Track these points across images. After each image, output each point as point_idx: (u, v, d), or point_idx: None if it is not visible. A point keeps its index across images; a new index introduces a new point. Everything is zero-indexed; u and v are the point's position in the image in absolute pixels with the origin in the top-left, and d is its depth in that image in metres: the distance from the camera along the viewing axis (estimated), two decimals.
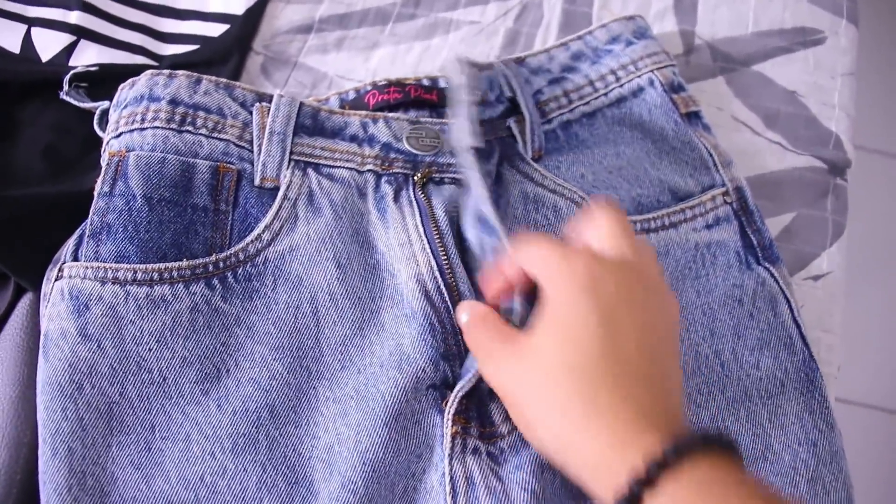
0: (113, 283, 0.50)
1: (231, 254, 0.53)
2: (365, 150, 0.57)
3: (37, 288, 0.54)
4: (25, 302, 0.55)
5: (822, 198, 0.63)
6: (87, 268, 0.51)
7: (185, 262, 0.52)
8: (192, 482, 0.48)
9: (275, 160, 0.56)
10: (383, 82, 0.61)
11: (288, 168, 0.56)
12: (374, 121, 0.57)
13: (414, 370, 0.50)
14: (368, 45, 0.67)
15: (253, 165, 0.55)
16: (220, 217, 0.54)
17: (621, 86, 0.62)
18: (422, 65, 0.66)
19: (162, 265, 0.51)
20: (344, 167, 0.56)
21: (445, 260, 0.53)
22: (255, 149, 0.56)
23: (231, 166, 0.55)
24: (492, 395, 0.49)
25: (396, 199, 0.56)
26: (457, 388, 0.50)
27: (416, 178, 0.56)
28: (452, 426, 0.49)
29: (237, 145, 0.56)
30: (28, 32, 0.64)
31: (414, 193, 0.56)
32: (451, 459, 0.48)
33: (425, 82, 0.62)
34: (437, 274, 0.53)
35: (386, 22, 0.68)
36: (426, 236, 0.54)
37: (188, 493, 0.48)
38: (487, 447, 0.49)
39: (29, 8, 0.66)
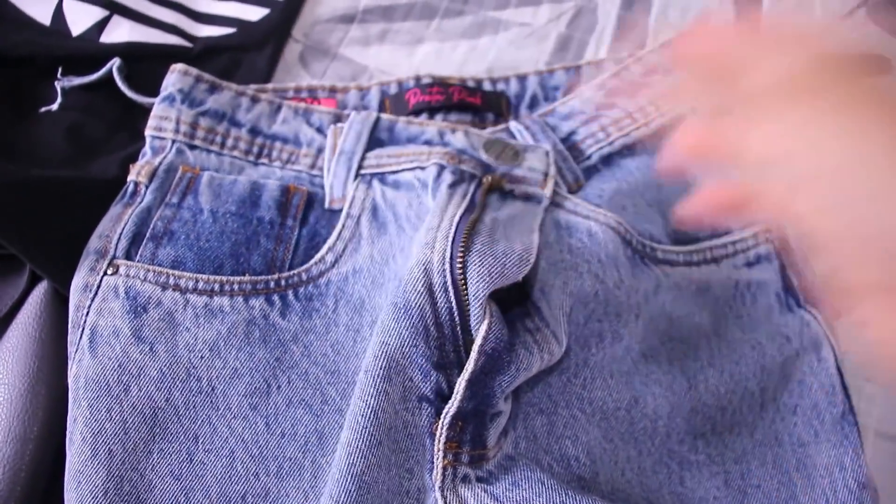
0: (174, 290, 0.53)
1: (294, 273, 0.54)
2: (436, 149, 0.57)
3: (55, 277, 0.54)
4: (40, 291, 0.55)
5: None
6: (148, 270, 0.53)
7: (247, 277, 0.54)
8: (234, 501, 0.49)
9: (340, 179, 0.58)
10: (427, 80, 0.59)
11: (353, 183, 0.57)
12: (454, 130, 0.58)
13: (401, 379, 0.48)
14: (413, 39, 0.67)
15: (324, 189, 0.57)
16: (285, 231, 0.56)
17: (662, 115, 0.62)
18: (467, 64, 0.67)
19: (224, 278, 0.53)
20: (409, 168, 0.56)
21: (461, 255, 0.49)
22: (325, 172, 0.58)
23: (302, 187, 0.58)
24: (494, 415, 0.48)
25: (452, 187, 0.54)
26: (448, 406, 0.47)
27: (484, 180, 0.55)
28: (444, 458, 0.48)
29: (309, 174, 0.59)
30: (60, 4, 0.63)
31: (473, 190, 0.54)
32: (442, 491, 0.48)
33: (470, 84, 0.61)
34: (447, 267, 0.49)
35: (432, 17, 0.68)
36: (456, 226, 0.50)
37: None
38: (476, 472, 0.49)
39: None
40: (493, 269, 0.49)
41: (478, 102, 0.62)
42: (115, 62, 0.62)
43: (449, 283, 0.49)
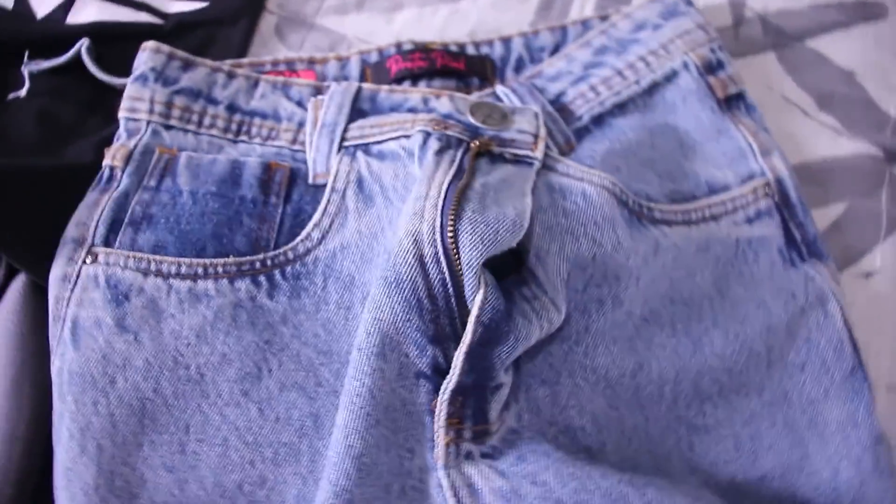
0: (156, 276, 0.51)
1: (280, 252, 0.52)
2: (420, 116, 0.55)
3: (32, 269, 0.53)
4: (18, 284, 0.53)
5: (876, 188, 0.62)
6: (128, 257, 0.51)
7: (231, 259, 0.52)
8: (230, 490, 0.48)
9: (323, 153, 0.56)
10: (408, 46, 0.58)
11: (337, 156, 0.55)
12: (438, 96, 0.56)
13: (396, 356, 0.47)
14: (391, 5, 0.66)
15: (306, 164, 0.55)
16: (268, 210, 0.54)
17: (653, 71, 0.60)
18: (449, 29, 0.66)
19: (207, 260, 0.51)
20: (393, 138, 0.55)
21: (452, 223, 0.47)
22: (308, 146, 0.56)
23: (284, 164, 0.56)
24: (495, 388, 0.47)
25: (439, 154, 0.52)
26: (447, 382, 0.46)
27: (472, 144, 0.53)
28: (445, 434, 0.46)
29: (290, 149, 0.57)
30: None
31: (461, 156, 0.52)
32: (447, 470, 0.47)
33: (453, 48, 0.59)
34: (437, 237, 0.47)
35: None
36: (445, 194, 0.48)
37: (224, 501, 0.48)
38: (480, 448, 0.47)
39: None
40: (486, 236, 0.47)
41: (462, 67, 0.60)
42: (83, 43, 0.59)
43: (440, 252, 0.47)
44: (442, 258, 0.47)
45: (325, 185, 0.54)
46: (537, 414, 0.50)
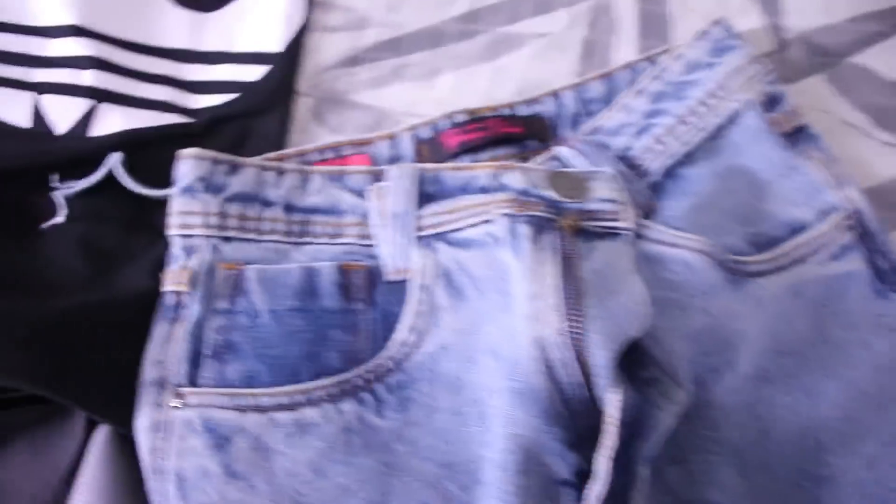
0: (255, 412, 0.47)
1: (378, 363, 0.49)
2: (497, 196, 0.52)
3: (111, 417, 0.49)
4: (101, 438, 0.49)
5: None
6: (220, 395, 0.48)
7: (329, 380, 0.48)
8: None
9: (400, 247, 0.52)
10: (461, 117, 0.55)
11: (415, 249, 0.52)
12: (508, 170, 0.54)
13: (537, 468, 0.45)
14: (428, 71, 0.63)
15: (380, 260, 0.52)
16: (356, 318, 0.51)
17: (716, 115, 0.58)
18: (494, 90, 0.64)
19: (304, 386, 0.48)
20: (473, 224, 0.52)
21: (577, 325, 0.46)
22: (378, 241, 0.53)
23: (358, 263, 0.52)
24: (641, 483, 0.45)
25: (536, 241, 0.50)
26: (593, 488, 0.43)
27: (563, 224, 0.51)
28: None
29: (360, 245, 0.53)
30: (37, 101, 0.55)
31: (560, 241, 0.50)
32: None
33: (505, 112, 0.55)
34: (566, 342, 0.46)
35: (443, 42, 0.65)
36: (563, 291, 0.47)
37: None
38: None
39: (33, 71, 0.60)
40: (615, 334, 0.46)
41: (519, 131, 0.58)
42: (114, 156, 0.55)
43: (571, 357, 0.46)
44: (572, 362, 0.46)
45: (404, 282, 0.52)
46: (671, 495, 0.49)
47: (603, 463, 0.43)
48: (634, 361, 0.48)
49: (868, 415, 0.52)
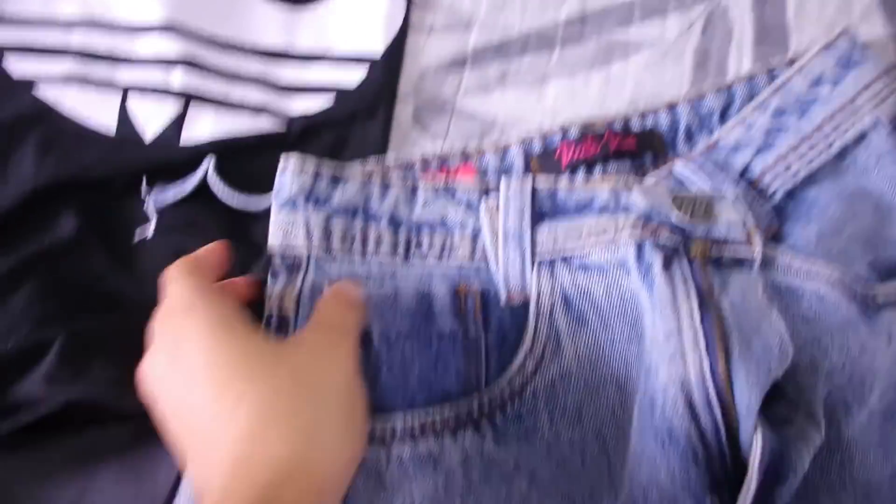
0: (374, 444, 0.44)
1: (496, 392, 0.46)
2: (619, 219, 0.49)
3: None
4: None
5: None
6: None
7: (448, 409, 0.45)
8: None
9: (516, 268, 0.49)
10: (575, 131, 0.51)
11: (532, 272, 0.48)
12: (629, 190, 0.51)
13: None
14: (537, 78, 0.60)
15: (492, 282, 0.49)
16: (470, 344, 0.48)
17: (842, 134, 0.55)
18: (607, 100, 0.61)
19: (423, 412, 0.45)
20: (596, 248, 0.49)
21: (722, 364, 0.43)
22: (492, 261, 0.49)
23: (472, 287, 0.49)
24: None
25: (667, 270, 0.47)
26: None
27: (694, 251, 0.48)
28: None
29: (471, 265, 0.51)
30: (123, 104, 0.53)
31: (691, 271, 0.47)
32: None
33: (618, 125, 0.52)
34: (708, 381, 0.43)
35: (552, 47, 0.61)
36: (703, 328, 0.44)
37: None
38: None
39: (120, 71, 0.56)
40: (760, 375, 0.43)
41: (633, 147, 0.54)
42: (208, 161, 0.51)
43: (714, 398, 0.43)
44: (716, 404, 0.43)
45: (521, 306, 0.48)
46: None
47: None
48: (778, 403, 0.46)
49: None
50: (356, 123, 0.56)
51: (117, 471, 0.48)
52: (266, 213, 0.50)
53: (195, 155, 0.53)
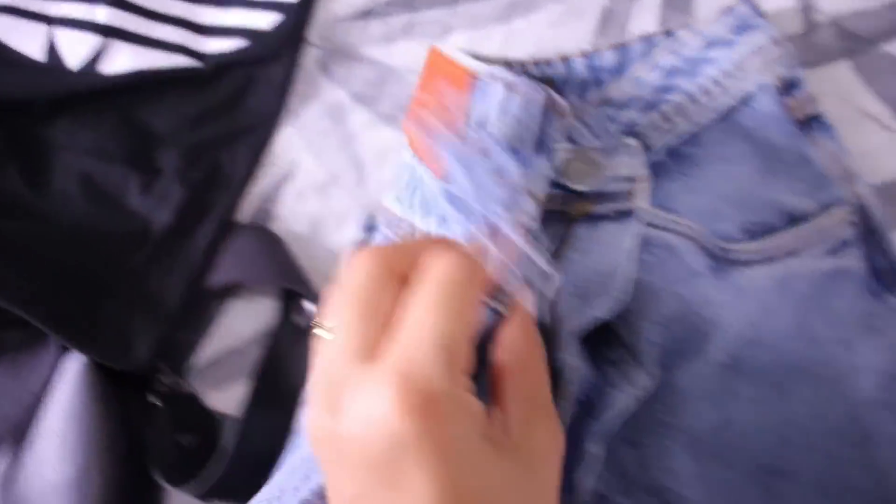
0: None
1: None
2: None
3: (84, 345, 0.51)
4: (74, 366, 0.51)
5: None
6: None
7: None
8: None
9: None
10: None
11: None
12: None
13: None
14: (441, 30, 0.63)
15: None
16: None
17: (728, 95, 0.57)
18: (507, 53, 0.60)
19: None
20: None
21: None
22: None
23: None
24: (590, 461, 0.46)
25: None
26: None
27: (574, 212, 0.51)
28: None
29: None
30: (51, 34, 0.59)
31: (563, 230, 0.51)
32: None
33: (517, 71, 0.55)
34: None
35: (457, 2, 0.60)
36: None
37: None
38: None
39: (48, 4, 0.61)
40: (586, 312, 0.47)
41: None
42: None
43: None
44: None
45: None
46: (623, 477, 0.50)
47: None
48: (604, 341, 0.48)
49: (839, 415, 0.52)
50: (265, 66, 0.60)
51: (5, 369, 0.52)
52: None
53: (116, 86, 0.58)
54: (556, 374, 0.45)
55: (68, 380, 0.50)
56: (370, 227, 0.55)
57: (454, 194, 0.48)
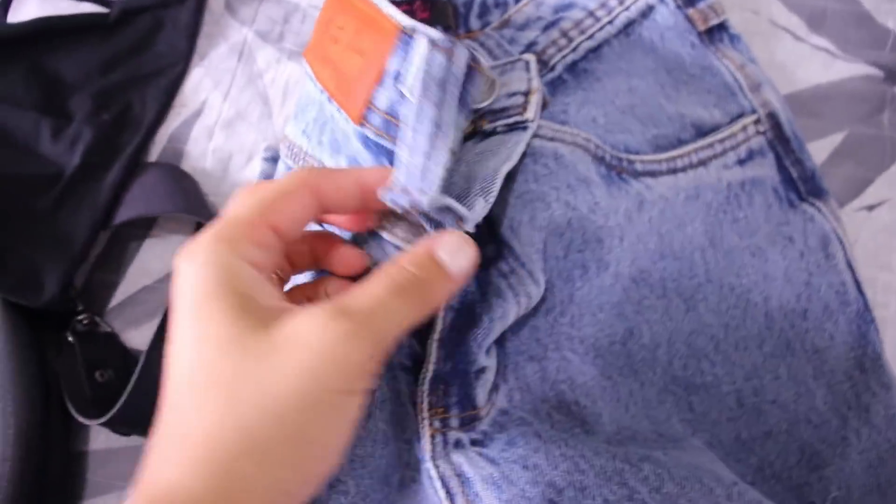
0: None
1: None
2: None
3: None
4: None
5: (877, 112, 0.59)
6: None
7: None
8: None
9: None
10: None
11: None
12: None
13: None
14: None
15: None
16: None
17: (627, 8, 0.56)
18: None
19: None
20: None
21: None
22: None
23: None
24: (478, 372, 0.45)
25: None
26: (424, 372, 0.44)
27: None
28: (430, 426, 0.45)
29: None
30: None
31: None
32: (434, 461, 0.44)
33: None
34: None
35: None
36: None
37: None
38: (469, 435, 0.45)
39: None
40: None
41: (426, 17, 0.56)
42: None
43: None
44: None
45: None
46: (528, 391, 0.49)
47: (432, 346, 0.44)
48: (495, 253, 0.48)
49: (752, 324, 0.51)
50: (170, 8, 0.61)
51: None
52: None
53: (21, 35, 0.59)
54: None
55: None
56: (273, 159, 0.56)
57: (369, 139, 0.48)
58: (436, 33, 0.42)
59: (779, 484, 0.50)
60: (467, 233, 0.41)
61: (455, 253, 0.38)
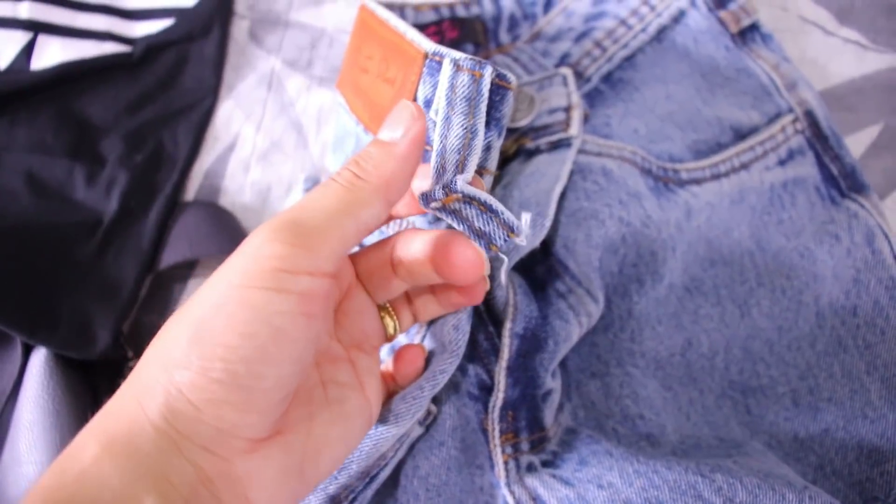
0: None
1: None
2: None
3: (41, 339, 0.51)
4: (39, 359, 0.52)
5: None
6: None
7: None
8: None
9: None
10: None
11: None
12: None
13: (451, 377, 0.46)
14: None
15: None
16: None
17: (659, 15, 0.57)
18: None
19: None
20: None
21: None
22: None
23: None
24: (545, 395, 0.46)
25: None
26: (493, 399, 0.45)
27: (506, 149, 0.51)
28: (502, 452, 0.46)
29: None
30: None
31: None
32: (509, 486, 0.46)
33: (444, 13, 0.56)
34: None
35: None
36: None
37: None
38: (540, 457, 0.47)
39: None
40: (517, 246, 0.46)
41: (455, 36, 0.56)
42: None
43: None
44: None
45: None
46: (592, 408, 0.50)
47: (500, 374, 0.45)
48: (551, 273, 0.49)
49: (804, 324, 0.52)
50: (195, 42, 0.61)
51: None
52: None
53: (44, 81, 0.59)
54: (493, 311, 0.46)
55: (34, 374, 0.52)
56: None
57: None
58: (459, 54, 0.42)
59: (840, 481, 0.51)
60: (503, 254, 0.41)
61: (392, 125, 0.37)
